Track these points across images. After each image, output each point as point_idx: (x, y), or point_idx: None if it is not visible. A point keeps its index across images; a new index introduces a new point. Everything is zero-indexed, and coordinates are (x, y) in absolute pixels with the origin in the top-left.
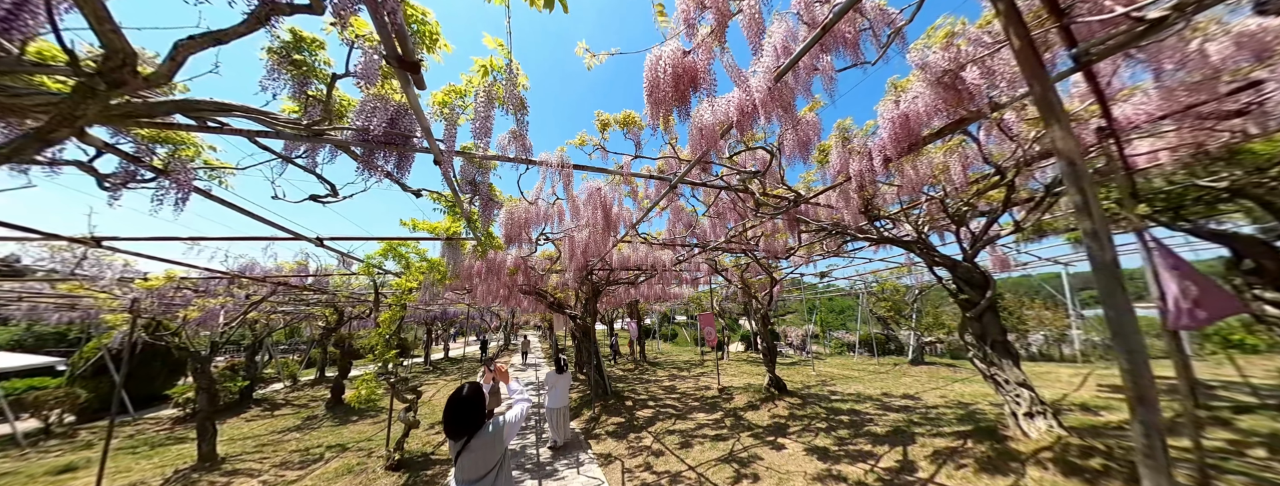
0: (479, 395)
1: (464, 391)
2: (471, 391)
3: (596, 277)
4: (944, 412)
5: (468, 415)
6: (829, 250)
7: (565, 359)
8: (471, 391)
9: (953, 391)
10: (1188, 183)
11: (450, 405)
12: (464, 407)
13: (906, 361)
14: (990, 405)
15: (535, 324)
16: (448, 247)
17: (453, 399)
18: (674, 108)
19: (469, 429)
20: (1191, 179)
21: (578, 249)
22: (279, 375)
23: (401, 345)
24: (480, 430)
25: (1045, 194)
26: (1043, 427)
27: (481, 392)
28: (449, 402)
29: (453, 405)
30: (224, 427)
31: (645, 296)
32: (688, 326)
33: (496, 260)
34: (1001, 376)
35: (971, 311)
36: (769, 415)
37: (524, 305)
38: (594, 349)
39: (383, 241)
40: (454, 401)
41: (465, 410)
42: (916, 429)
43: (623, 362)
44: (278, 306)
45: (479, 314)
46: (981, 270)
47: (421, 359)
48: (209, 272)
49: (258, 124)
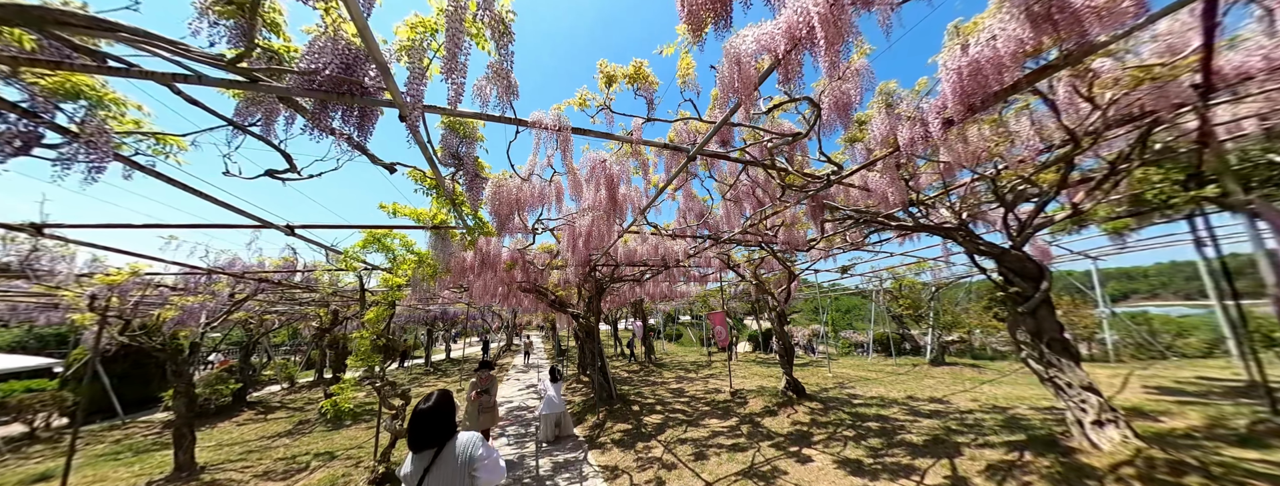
0: (448, 403)
1: (431, 399)
2: (440, 398)
3: (600, 274)
4: (982, 418)
5: (436, 423)
6: (853, 241)
7: (561, 369)
8: (440, 398)
9: (983, 394)
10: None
11: (416, 415)
12: (431, 416)
13: (924, 362)
14: (1031, 409)
15: (538, 324)
16: (435, 238)
17: (418, 408)
18: (709, 26)
19: (437, 439)
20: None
21: (579, 238)
22: (277, 377)
23: (390, 346)
24: (450, 443)
25: (1110, 172)
26: (1116, 438)
27: (451, 401)
28: (414, 412)
29: (419, 415)
30: (213, 432)
31: (651, 295)
32: (692, 326)
33: (491, 253)
34: (1062, 378)
35: (1024, 305)
36: (789, 421)
37: (524, 304)
38: (598, 350)
39: (362, 230)
40: (419, 412)
41: (433, 418)
42: (958, 437)
43: (627, 364)
44: (270, 305)
45: (480, 314)
46: (1034, 259)
47: (422, 360)
48: (183, 268)
49: (172, 63)
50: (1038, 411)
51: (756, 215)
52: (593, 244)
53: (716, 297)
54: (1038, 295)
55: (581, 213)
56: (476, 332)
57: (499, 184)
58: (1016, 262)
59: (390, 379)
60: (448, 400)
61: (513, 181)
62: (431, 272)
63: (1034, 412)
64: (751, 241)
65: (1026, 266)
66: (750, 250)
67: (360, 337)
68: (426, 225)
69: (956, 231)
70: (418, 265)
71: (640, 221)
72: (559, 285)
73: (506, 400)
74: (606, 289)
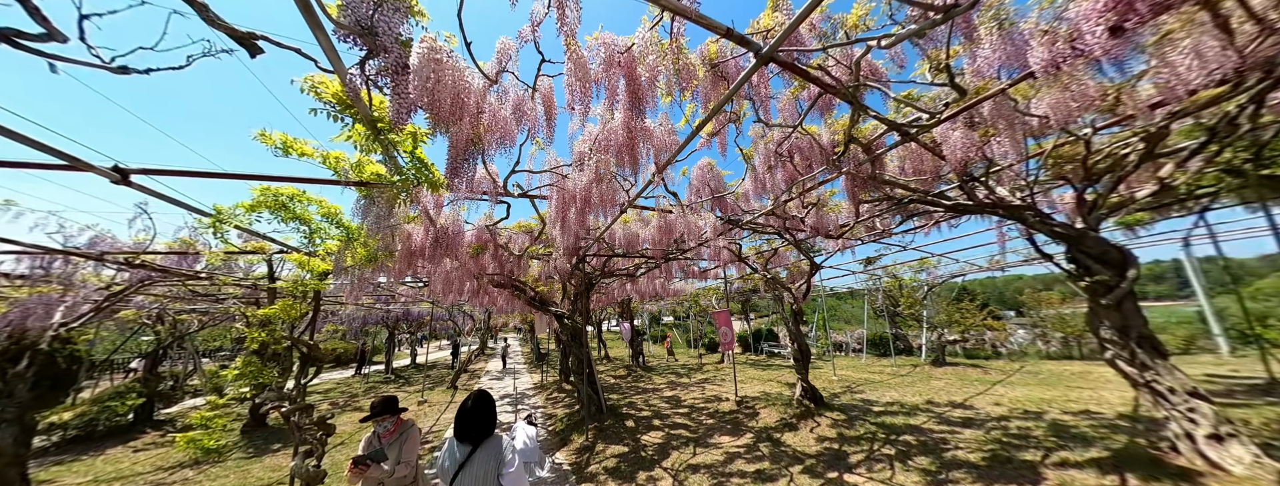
0: (485, 403)
1: (475, 396)
2: (478, 399)
3: (589, 267)
4: (1026, 427)
5: (476, 421)
6: (885, 227)
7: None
8: (478, 399)
9: (1003, 397)
10: None
11: (460, 411)
12: (471, 415)
13: (922, 362)
14: (1068, 414)
15: (515, 326)
16: (366, 202)
17: (463, 405)
18: None
19: (477, 436)
20: None
21: (572, 205)
22: (202, 388)
23: (312, 355)
24: (490, 441)
25: (1209, 138)
26: (1246, 457)
27: (490, 402)
28: (460, 408)
29: (462, 411)
30: (96, 462)
31: (642, 293)
32: (676, 326)
33: (451, 230)
34: (1161, 383)
35: (1109, 297)
36: (814, 437)
37: (499, 303)
38: (586, 356)
39: (251, 182)
40: (463, 409)
41: (473, 417)
42: (1018, 453)
43: (614, 368)
44: (185, 302)
45: (448, 314)
46: (1115, 244)
47: (383, 366)
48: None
49: None
50: (1076, 416)
51: (794, 188)
52: (590, 214)
53: (706, 297)
54: (1125, 284)
55: (582, 159)
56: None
57: (437, 62)
58: (1097, 247)
59: (299, 400)
60: (485, 401)
61: (470, 77)
62: (366, 256)
63: (1075, 418)
64: (773, 226)
65: (1108, 251)
66: (761, 241)
67: (249, 340)
68: (343, 180)
69: (1026, 210)
70: (346, 244)
71: (658, 182)
72: (540, 279)
73: None
74: (595, 284)
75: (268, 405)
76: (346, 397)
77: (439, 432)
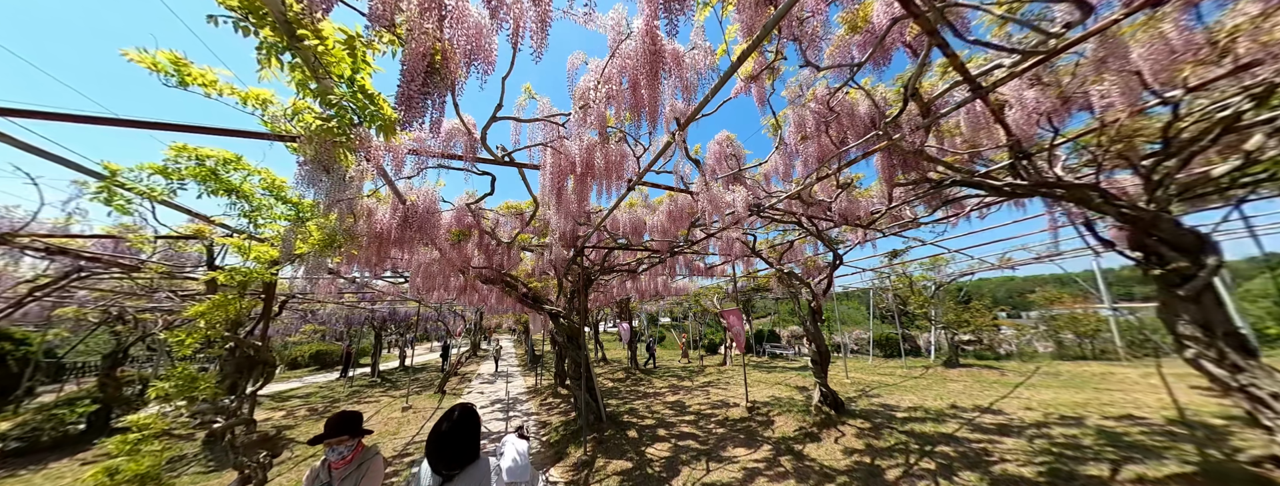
0: (469, 421)
1: (454, 415)
2: (461, 417)
3: (589, 262)
4: (1073, 435)
5: (456, 446)
6: (913, 217)
7: (527, 427)
8: (461, 417)
9: (1031, 399)
10: None
11: (434, 435)
12: (450, 439)
13: (932, 363)
14: (1111, 419)
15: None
16: (312, 167)
17: (437, 428)
18: None
19: (457, 463)
20: None
21: (573, 171)
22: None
23: (259, 359)
24: (471, 468)
25: None
26: None
27: (474, 419)
28: (433, 432)
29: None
30: (35, 478)
31: (643, 291)
32: (674, 327)
33: (422, 207)
34: (1260, 388)
35: (1186, 287)
36: (841, 450)
37: (489, 301)
38: (583, 360)
39: (163, 132)
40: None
41: (452, 441)
42: (1078, 466)
43: (612, 371)
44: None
45: (437, 314)
46: (1190, 227)
47: (370, 369)
48: None
49: None
50: (1119, 421)
51: (831, 162)
52: (593, 185)
53: (707, 297)
54: (1204, 274)
55: (584, 100)
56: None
57: None
58: (1173, 231)
59: (240, 412)
60: (469, 419)
61: None
62: (322, 240)
63: (1120, 424)
64: (795, 213)
65: (1184, 236)
66: (775, 233)
67: (178, 345)
68: (272, 132)
69: (1091, 190)
70: (295, 223)
71: (678, 143)
72: (533, 274)
73: None
74: (594, 280)
75: (198, 420)
76: (327, 403)
77: (420, 444)
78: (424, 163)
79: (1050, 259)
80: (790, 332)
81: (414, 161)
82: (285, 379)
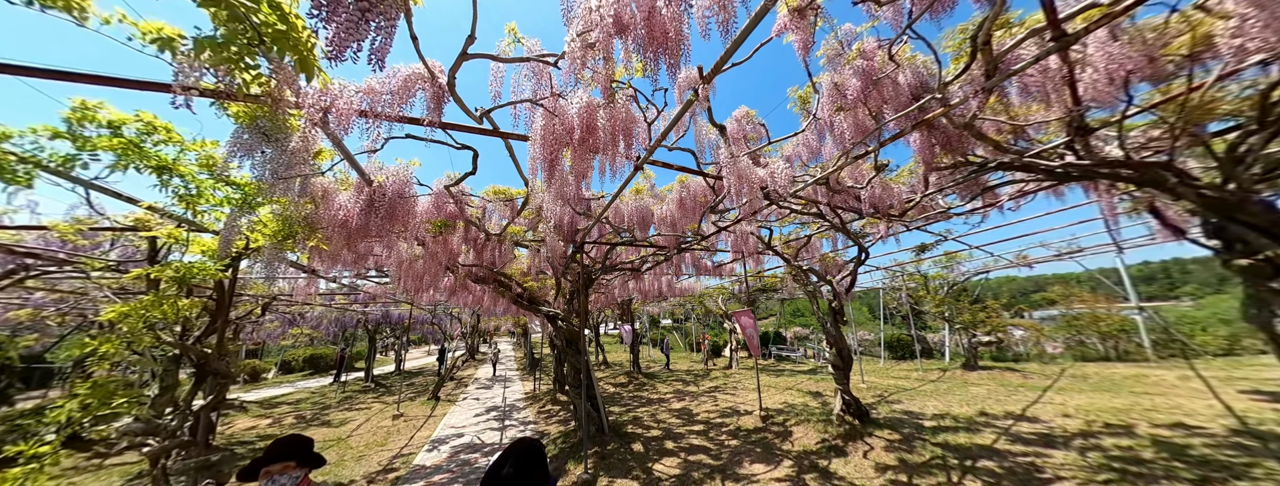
0: (534, 458)
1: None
2: (524, 455)
3: (589, 259)
4: (1129, 447)
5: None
6: (945, 206)
7: None
8: (524, 455)
9: (1066, 405)
10: None
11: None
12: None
13: (949, 366)
14: (1163, 428)
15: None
16: (248, 133)
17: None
18: None
19: None
20: None
21: (569, 138)
22: None
23: (207, 368)
24: None
25: None
26: None
27: (540, 456)
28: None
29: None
30: None
31: (645, 292)
32: (675, 330)
33: (390, 189)
34: None
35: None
36: (871, 466)
37: (484, 302)
38: (584, 366)
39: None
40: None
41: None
42: (1146, 485)
43: (613, 374)
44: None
45: (432, 316)
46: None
47: (363, 374)
48: None
49: None
50: (1174, 430)
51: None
52: (593, 160)
53: (712, 298)
54: None
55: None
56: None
57: None
58: (1265, 215)
59: (182, 433)
60: (533, 458)
61: None
62: (278, 231)
63: (1177, 433)
64: (820, 201)
65: (1278, 220)
66: (790, 228)
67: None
68: (188, 84)
69: (1164, 169)
70: (241, 210)
71: (703, 95)
72: (529, 273)
73: (456, 432)
74: (595, 280)
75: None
76: (317, 410)
77: (408, 457)
78: (386, 130)
79: (1071, 256)
80: (794, 334)
81: (372, 130)
82: (278, 383)
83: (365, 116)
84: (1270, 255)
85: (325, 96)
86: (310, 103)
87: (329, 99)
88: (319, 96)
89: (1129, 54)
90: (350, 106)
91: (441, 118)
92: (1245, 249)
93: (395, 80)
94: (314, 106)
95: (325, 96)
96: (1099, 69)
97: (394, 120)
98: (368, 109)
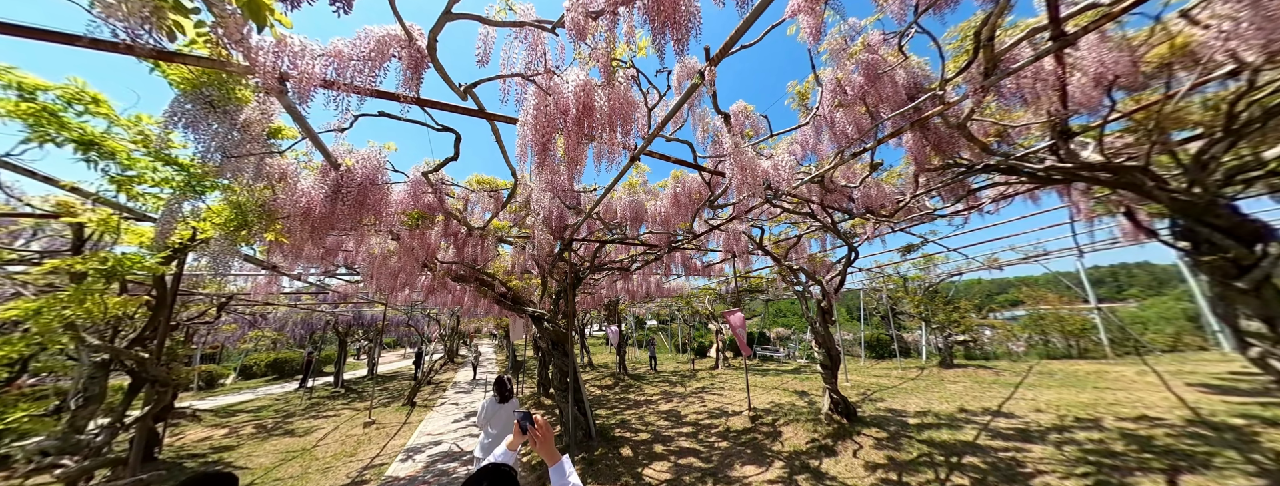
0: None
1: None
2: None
3: (577, 257)
4: (1099, 440)
5: None
6: (930, 209)
7: (509, 377)
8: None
9: (1037, 401)
10: None
11: None
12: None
13: (925, 364)
14: (1128, 421)
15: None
16: (190, 100)
17: None
18: None
19: None
20: None
21: (563, 119)
22: None
23: (143, 375)
24: None
25: None
26: None
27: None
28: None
29: None
30: None
31: (633, 292)
32: (661, 331)
33: (360, 174)
34: None
35: (1245, 278)
36: (861, 465)
37: (464, 302)
38: (571, 368)
39: None
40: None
41: None
42: (1122, 476)
43: (599, 377)
44: None
45: (406, 318)
46: (1252, 216)
47: (333, 379)
48: None
49: None
50: (1138, 423)
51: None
52: (589, 149)
53: (699, 298)
54: (1266, 263)
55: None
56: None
57: None
58: (1230, 218)
59: (109, 451)
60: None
61: None
62: (231, 220)
63: (1141, 426)
64: (813, 200)
65: (1242, 223)
66: (779, 229)
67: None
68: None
69: (1140, 173)
70: (184, 191)
71: (709, 78)
72: (513, 271)
73: (434, 439)
74: (583, 279)
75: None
76: (280, 418)
77: (380, 468)
78: (356, 106)
79: (1036, 259)
80: (777, 334)
81: (340, 103)
82: (237, 390)
83: (331, 87)
84: (1234, 255)
85: (282, 55)
86: (263, 63)
87: (287, 58)
88: (274, 55)
89: (1116, 59)
90: (313, 72)
91: (419, 88)
92: (1212, 249)
93: (367, 42)
94: (268, 70)
95: (282, 55)
96: (1088, 73)
97: (366, 93)
98: (335, 79)
